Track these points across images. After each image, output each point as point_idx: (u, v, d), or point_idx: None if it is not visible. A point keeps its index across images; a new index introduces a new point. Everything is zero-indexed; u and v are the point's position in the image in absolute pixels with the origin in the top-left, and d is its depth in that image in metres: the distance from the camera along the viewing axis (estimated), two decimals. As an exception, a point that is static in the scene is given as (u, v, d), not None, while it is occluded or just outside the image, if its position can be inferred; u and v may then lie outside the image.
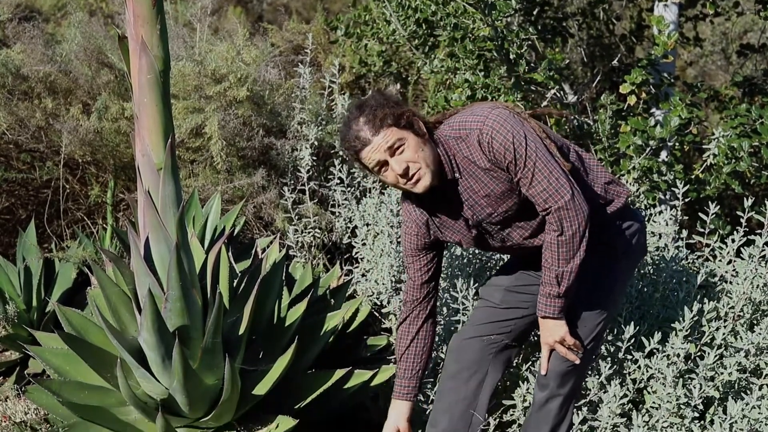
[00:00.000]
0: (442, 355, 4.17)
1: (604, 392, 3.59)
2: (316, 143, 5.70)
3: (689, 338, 3.77)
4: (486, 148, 3.26)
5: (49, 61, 5.97)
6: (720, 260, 4.27)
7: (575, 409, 3.62)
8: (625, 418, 3.73)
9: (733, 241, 4.18)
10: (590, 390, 3.79)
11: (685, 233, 4.44)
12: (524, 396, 3.86)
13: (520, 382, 3.89)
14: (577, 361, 3.48)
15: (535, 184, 3.25)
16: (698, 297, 3.99)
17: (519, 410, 3.88)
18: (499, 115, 3.26)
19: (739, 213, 4.20)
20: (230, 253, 4.18)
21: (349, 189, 5.45)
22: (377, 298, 4.81)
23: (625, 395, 3.73)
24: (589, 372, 3.71)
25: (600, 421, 3.59)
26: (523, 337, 3.81)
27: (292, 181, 5.79)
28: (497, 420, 4.04)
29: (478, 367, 3.70)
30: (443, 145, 3.35)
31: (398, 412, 3.74)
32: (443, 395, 3.74)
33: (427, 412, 4.00)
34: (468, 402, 3.70)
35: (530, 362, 3.99)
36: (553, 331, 3.43)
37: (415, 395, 3.75)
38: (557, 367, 3.52)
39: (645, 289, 4.20)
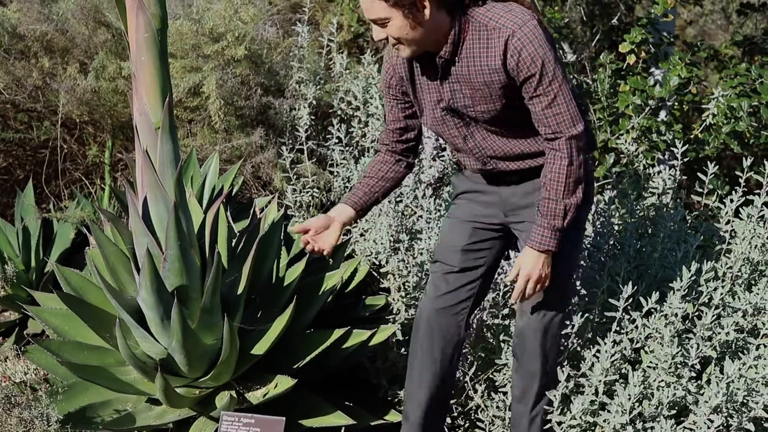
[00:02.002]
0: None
1: (597, 351, 3.60)
2: (314, 102, 5.69)
3: (687, 298, 3.77)
4: (512, 51, 3.13)
5: (45, 20, 5.94)
6: (718, 220, 4.28)
7: (560, 366, 3.63)
8: (619, 376, 3.74)
9: (731, 201, 4.18)
10: (577, 348, 3.81)
11: (683, 193, 4.44)
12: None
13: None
14: (540, 298, 3.47)
15: (555, 107, 3.18)
16: (696, 257, 3.99)
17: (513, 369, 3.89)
18: (535, 27, 3.14)
19: (738, 173, 4.20)
20: (228, 213, 4.18)
21: (347, 148, 5.44)
22: (376, 258, 4.81)
23: (618, 352, 3.74)
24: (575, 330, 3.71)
25: (589, 378, 3.60)
26: (484, 295, 3.78)
27: (291, 141, 5.78)
28: (485, 385, 4.06)
29: (450, 337, 3.67)
30: (462, 25, 3.21)
31: (339, 211, 3.61)
32: (417, 372, 3.72)
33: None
34: (443, 374, 3.70)
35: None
36: (542, 266, 3.36)
37: (361, 211, 3.63)
38: (537, 323, 3.53)
39: (643, 249, 4.21)
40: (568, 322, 3.65)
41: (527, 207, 3.49)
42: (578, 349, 3.80)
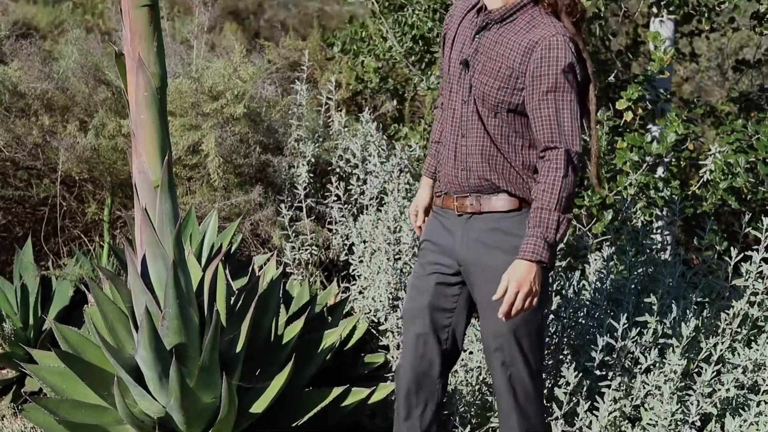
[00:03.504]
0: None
1: (596, 409, 3.59)
2: (313, 160, 5.71)
3: (686, 354, 3.77)
4: (543, 45, 3.25)
5: (46, 78, 5.97)
6: (717, 276, 4.28)
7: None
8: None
9: (730, 257, 4.18)
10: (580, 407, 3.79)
11: (682, 249, 4.44)
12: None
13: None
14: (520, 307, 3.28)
15: (560, 116, 3.24)
16: (695, 313, 3.99)
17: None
18: (574, 46, 3.28)
19: (737, 229, 4.20)
20: (227, 271, 4.18)
21: (346, 206, 5.46)
22: (374, 316, 4.81)
23: (617, 410, 3.72)
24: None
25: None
26: (458, 355, 3.69)
27: (289, 198, 5.80)
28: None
29: (429, 402, 3.61)
30: (525, 5, 3.36)
31: (428, 185, 3.85)
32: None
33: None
34: (426, 427, 3.65)
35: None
36: (534, 278, 3.20)
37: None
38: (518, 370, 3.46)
39: (642, 305, 4.20)
40: (545, 378, 3.63)
41: (481, 261, 3.43)
42: (575, 406, 3.78)
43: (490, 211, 3.43)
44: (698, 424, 3.60)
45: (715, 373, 3.70)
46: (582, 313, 4.24)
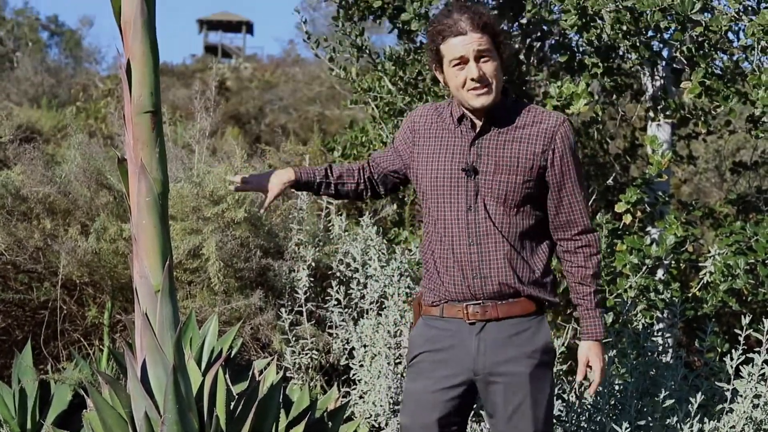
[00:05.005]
0: None
1: None
2: (313, 264, 5.72)
3: (690, 459, 3.74)
4: (563, 133, 3.36)
5: (48, 182, 6.02)
6: (720, 378, 4.26)
7: None
8: None
9: (731, 359, 4.17)
10: None
11: (683, 351, 4.43)
12: None
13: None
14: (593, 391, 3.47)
15: (586, 201, 3.45)
16: (698, 416, 3.96)
17: None
18: None
19: (738, 330, 4.20)
20: (227, 375, 4.16)
21: (346, 310, 5.45)
22: (375, 420, 4.78)
23: None
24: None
25: None
26: None
27: (290, 303, 5.79)
28: None
29: None
30: (506, 100, 3.42)
31: (291, 176, 3.67)
32: None
33: None
34: None
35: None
36: (602, 353, 3.45)
37: (304, 180, 3.67)
38: None
39: (644, 409, 4.18)
40: None
41: (505, 370, 3.36)
42: None
43: (508, 316, 3.39)
44: None
45: (719, 477, 3.67)
46: (584, 417, 4.21)
